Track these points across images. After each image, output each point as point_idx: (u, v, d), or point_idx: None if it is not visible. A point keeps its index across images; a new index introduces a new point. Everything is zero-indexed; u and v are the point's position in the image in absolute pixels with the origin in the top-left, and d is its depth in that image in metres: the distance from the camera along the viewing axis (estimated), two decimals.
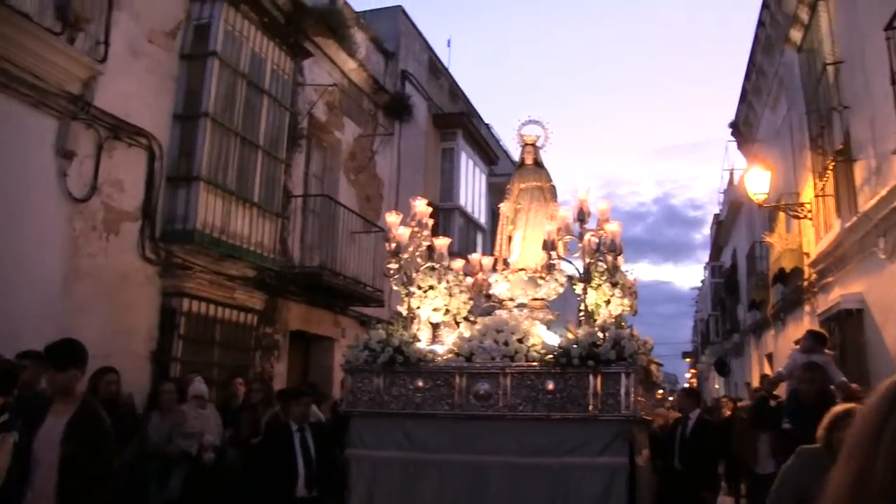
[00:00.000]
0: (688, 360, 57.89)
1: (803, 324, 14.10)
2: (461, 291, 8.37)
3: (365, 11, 17.38)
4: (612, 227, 7.66)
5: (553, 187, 9.10)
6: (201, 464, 8.06)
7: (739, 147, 22.20)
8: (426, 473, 7.11)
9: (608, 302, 7.63)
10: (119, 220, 9.51)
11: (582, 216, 7.73)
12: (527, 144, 9.24)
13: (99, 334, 8.84)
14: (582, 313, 7.71)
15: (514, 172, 9.59)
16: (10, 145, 8.04)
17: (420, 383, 7.32)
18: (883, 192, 8.81)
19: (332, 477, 7.69)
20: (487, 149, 22.33)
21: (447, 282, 8.24)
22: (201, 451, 8.08)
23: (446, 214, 18.97)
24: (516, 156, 9.65)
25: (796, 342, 9.75)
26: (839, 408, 4.70)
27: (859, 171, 10.14)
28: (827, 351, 8.84)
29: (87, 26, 8.93)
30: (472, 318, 8.29)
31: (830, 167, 11.04)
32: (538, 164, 9.23)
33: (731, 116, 21.04)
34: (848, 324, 10.69)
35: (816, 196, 12.24)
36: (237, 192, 10.94)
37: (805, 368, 7.57)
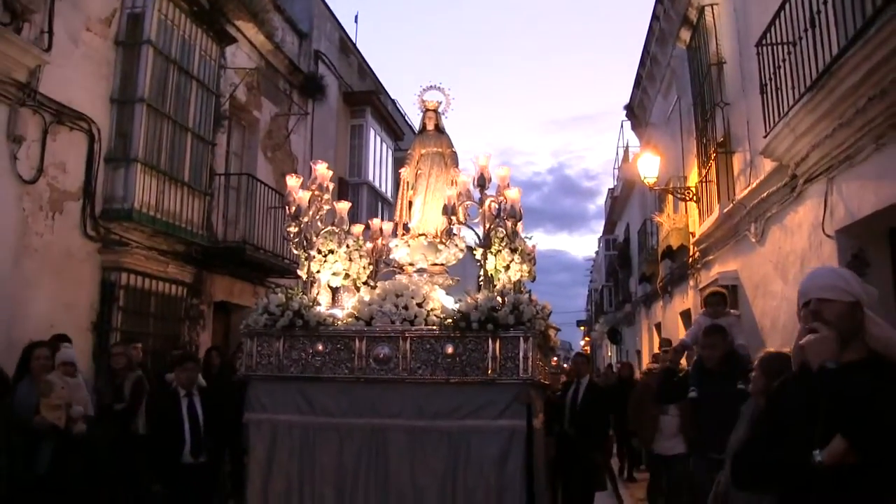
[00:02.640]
0: (582, 328, 59.51)
1: (688, 296, 15.09)
2: (361, 256, 8.34)
3: None
4: (512, 194, 7.60)
5: (454, 153, 9.00)
6: (71, 436, 7.38)
7: (633, 128, 23.10)
8: (326, 437, 7.10)
9: (507, 267, 7.56)
10: (63, 199, 10.05)
11: (482, 182, 7.62)
12: (428, 110, 9.14)
13: (47, 307, 9.54)
14: (481, 278, 7.62)
15: (415, 138, 9.44)
16: None
17: (320, 347, 7.23)
18: (754, 184, 9.79)
19: (229, 441, 7.79)
20: (394, 125, 22.87)
21: (347, 246, 8.23)
22: (69, 423, 7.37)
23: (355, 189, 19.60)
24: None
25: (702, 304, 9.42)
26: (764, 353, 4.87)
27: (737, 162, 11.08)
28: (732, 311, 8.87)
29: (31, 16, 9.31)
30: (371, 283, 8.27)
31: (712, 157, 11.90)
32: (439, 129, 9.11)
33: (627, 90, 21.60)
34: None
35: (700, 181, 13.15)
36: (169, 172, 11.58)
37: (705, 333, 7.24)
